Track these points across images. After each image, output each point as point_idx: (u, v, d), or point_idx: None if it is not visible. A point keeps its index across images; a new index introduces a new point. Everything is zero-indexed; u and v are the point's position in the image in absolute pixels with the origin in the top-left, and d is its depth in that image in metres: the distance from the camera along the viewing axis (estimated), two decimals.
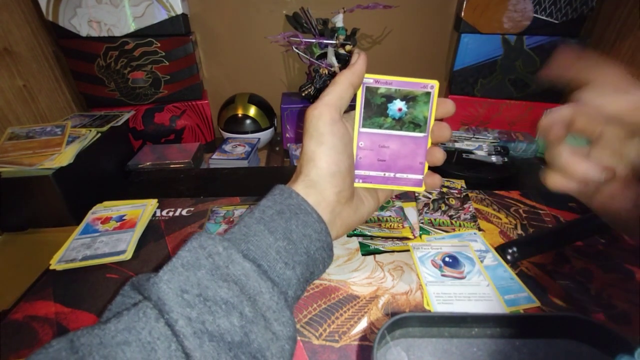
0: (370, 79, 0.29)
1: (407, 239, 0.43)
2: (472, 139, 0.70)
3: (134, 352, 0.17)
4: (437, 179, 0.31)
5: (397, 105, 0.29)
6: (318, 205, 0.25)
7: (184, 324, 0.17)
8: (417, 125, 0.29)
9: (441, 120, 0.30)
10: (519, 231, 0.45)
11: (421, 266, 0.39)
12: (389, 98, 0.29)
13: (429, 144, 0.30)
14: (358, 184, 0.30)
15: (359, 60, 0.27)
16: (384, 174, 0.30)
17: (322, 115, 0.26)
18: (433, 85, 0.29)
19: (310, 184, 0.26)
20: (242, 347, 0.18)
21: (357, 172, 0.29)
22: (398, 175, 0.30)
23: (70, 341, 0.17)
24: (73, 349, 0.17)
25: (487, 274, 0.37)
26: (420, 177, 0.30)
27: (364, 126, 0.29)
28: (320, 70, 0.78)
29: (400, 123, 0.29)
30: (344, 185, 0.27)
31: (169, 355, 0.17)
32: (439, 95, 0.30)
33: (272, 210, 0.24)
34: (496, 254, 0.41)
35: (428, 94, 0.29)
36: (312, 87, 0.79)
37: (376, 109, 0.29)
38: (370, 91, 0.29)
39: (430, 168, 0.31)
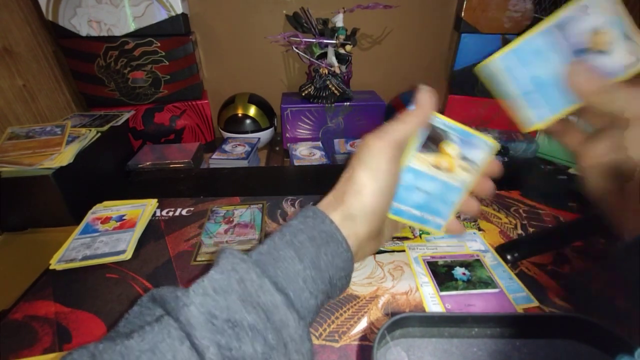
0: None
1: (407, 238, 0.43)
2: None
3: None
4: (458, 226, 0.30)
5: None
6: (348, 237, 0.25)
7: (215, 352, 0.17)
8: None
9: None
10: (519, 231, 0.45)
11: (416, 266, 0.39)
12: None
13: (464, 196, 0.29)
14: (391, 216, 0.29)
15: (428, 100, 0.26)
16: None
17: (386, 151, 0.25)
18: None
19: (348, 216, 0.25)
20: None
21: (392, 202, 0.29)
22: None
23: (92, 355, 0.17)
24: None
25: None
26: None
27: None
28: (320, 70, 0.78)
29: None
30: (378, 224, 0.26)
31: None
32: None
33: (303, 235, 0.24)
34: (495, 254, 0.41)
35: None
36: (312, 87, 0.79)
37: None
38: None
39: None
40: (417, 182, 0.29)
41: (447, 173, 0.29)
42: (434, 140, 0.28)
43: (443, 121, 0.28)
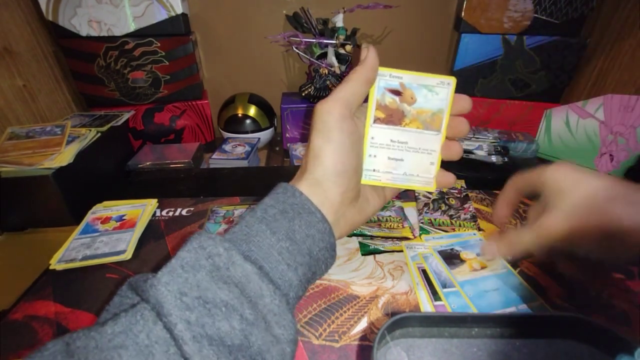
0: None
1: (407, 239, 0.43)
2: (472, 138, 0.70)
3: (131, 356, 0.16)
4: (449, 177, 0.30)
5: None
6: (322, 205, 0.25)
7: (183, 327, 0.17)
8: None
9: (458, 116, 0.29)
10: None
11: (412, 271, 0.39)
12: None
13: (442, 140, 0.29)
14: (366, 181, 0.28)
15: (369, 54, 0.26)
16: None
17: (332, 111, 0.25)
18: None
19: (314, 183, 0.25)
20: (242, 350, 0.18)
21: (365, 168, 0.28)
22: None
23: (66, 344, 0.17)
24: (69, 352, 0.17)
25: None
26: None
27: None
28: (320, 70, 0.78)
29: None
30: (350, 185, 0.26)
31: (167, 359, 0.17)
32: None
33: (274, 210, 0.24)
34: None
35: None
36: (312, 87, 0.79)
37: None
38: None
39: (444, 164, 0.30)
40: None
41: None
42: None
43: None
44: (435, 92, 0.28)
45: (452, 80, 0.28)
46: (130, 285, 0.20)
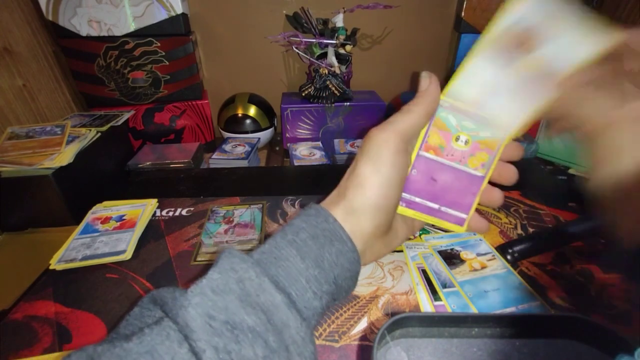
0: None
1: (407, 239, 0.43)
2: None
3: None
4: (483, 223, 0.28)
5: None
6: (353, 234, 0.24)
7: (211, 354, 0.17)
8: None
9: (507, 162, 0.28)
10: (519, 231, 0.45)
11: (412, 271, 0.39)
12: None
13: (484, 184, 0.27)
14: (400, 209, 0.27)
15: (432, 85, 0.25)
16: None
17: (388, 142, 0.24)
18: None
19: (350, 211, 0.24)
20: None
21: (403, 195, 0.27)
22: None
23: (90, 358, 0.17)
24: None
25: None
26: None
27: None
28: (320, 70, 0.78)
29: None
30: (385, 220, 0.25)
31: None
32: None
33: (305, 234, 0.23)
34: (499, 255, 0.41)
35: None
36: (312, 87, 0.79)
37: None
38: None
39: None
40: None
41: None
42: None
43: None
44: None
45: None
46: (153, 298, 0.20)
